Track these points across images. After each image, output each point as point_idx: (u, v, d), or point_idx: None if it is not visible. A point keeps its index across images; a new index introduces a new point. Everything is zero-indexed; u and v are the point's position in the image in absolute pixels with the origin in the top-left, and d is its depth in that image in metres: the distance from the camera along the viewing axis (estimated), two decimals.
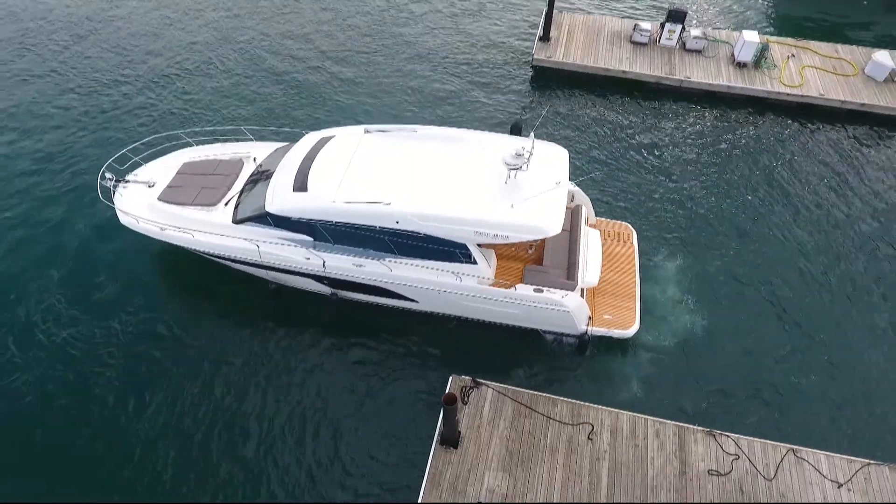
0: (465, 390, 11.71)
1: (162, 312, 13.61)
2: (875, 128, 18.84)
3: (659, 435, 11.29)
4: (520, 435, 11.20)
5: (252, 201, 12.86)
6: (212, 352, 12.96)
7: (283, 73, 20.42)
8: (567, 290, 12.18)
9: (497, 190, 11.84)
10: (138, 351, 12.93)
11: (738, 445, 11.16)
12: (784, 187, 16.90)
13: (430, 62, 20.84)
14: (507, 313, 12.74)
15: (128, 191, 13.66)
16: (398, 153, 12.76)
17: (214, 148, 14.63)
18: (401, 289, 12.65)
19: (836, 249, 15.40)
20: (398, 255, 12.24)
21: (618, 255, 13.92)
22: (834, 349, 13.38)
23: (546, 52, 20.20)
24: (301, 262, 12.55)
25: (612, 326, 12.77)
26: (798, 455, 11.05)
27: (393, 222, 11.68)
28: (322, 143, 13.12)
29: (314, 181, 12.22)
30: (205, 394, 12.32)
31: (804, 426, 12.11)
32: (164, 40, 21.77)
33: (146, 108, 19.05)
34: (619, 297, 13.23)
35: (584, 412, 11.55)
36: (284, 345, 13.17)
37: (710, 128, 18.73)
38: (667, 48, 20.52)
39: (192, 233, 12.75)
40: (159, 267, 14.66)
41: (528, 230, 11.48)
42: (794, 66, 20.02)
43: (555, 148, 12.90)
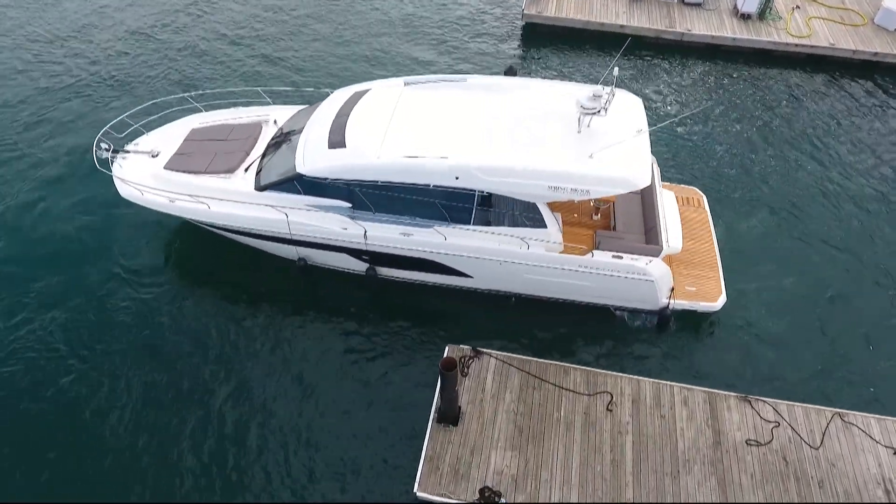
0: (465, 360, 10.22)
1: (167, 297, 11.70)
2: (890, 77, 17.70)
3: (687, 403, 9.90)
4: (529, 408, 9.74)
5: (278, 164, 11.02)
6: (226, 340, 11.14)
7: (314, 24, 18.59)
8: (650, 257, 10.55)
9: (570, 140, 10.17)
10: (139, 339, 11.11)
11: (777, 411, 9.81)
12: (811, 141, 15.65)
13: (413, 24, 19.32)
14: (577, 287, 11.06)
15: (128, 161, 11.72)
16: (448, 104, 11.02)
17: (227, 113, 12.70)
18: (454, 261, 10.92)
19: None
20: (451, 221, 10.51)
21: (691, 221, 12.18)
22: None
23: (537, 8, 18.77)
24: (337, 234, 10.76)
25: (697, 299, 11.08)
26: (845, 419, 9.73)
27: (451, 179, 9.96)
28: (357, 97, 11.36)
29: (353, 136, 10.46)
30: (218, 385, 10.54)
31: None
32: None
33: (148, 68, 17.09)
34: (700, 267, 11.55)
35: (602, 380, 10.12)
36: (311, 331, 11.34)
37: (718, 81, 17.43)
38: (665, 2, 19.19)
39: (207, 203, 10.87)
40: (161, 246, 12.63)
41: (613, 182, 9.84)
42: (801, 17, 18.81)
43: (628, 94, 11.21)
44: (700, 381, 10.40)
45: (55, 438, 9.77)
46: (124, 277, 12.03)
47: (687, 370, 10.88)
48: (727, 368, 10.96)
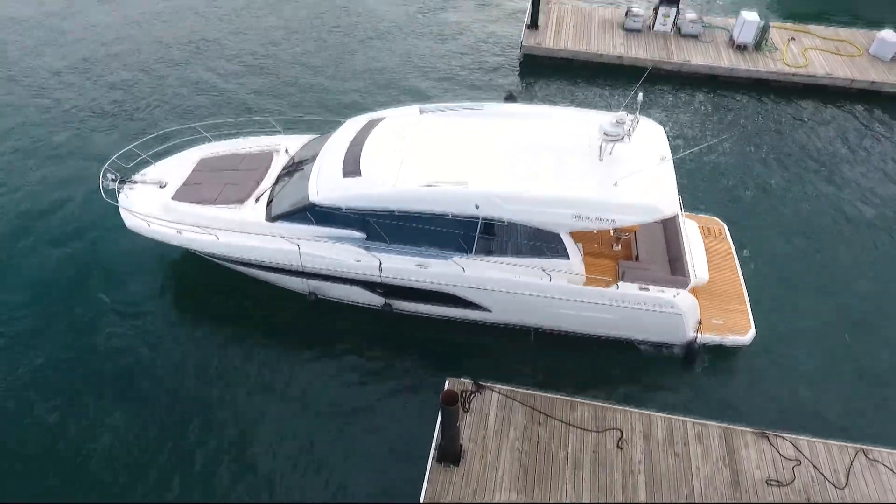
0: (466, 395, 9.70)
1: (171, 334, 11.20)
2: (884, 105, 17.70)
3: (702, 439, 9.35)
4: (535, 446, 9.17)
5: (290, 194, 10.67)
6: (233, 379, 10.60)
7: (312, 58, 18.73)
8: (678, 289, 10.11)
9: (592, 167, 9.82)
10: (146, 379, 10.57)
11: (797, 448, 9.25)
12: (825, 166, 15.57)
13: (413, 56, 19.42)
14: (600, 320, 10.57)
15: (134, 192, 11.39)
16: (465, 132, 10.70)
17: (237, 142, 12.45)
18: (473, 294, 10.44)
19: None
20: (469, 252, 10.07)
21: (713, 252, 11.76)
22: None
23: (535, 39, 18.93)
24: (351, 265, 10.34)
25: (725, 332, 10.58)
26: (870, 456, 9.17)
27: (471, 207, 9.57)
28: (371, 125, 11.10)
29: (368, 164, 10.12)
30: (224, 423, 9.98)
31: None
32: (172, 25, 20.11)
33: (156, 98, 17.02)
34: (725, 299, 11.09)
35: (611, 416, 9.59)
36: (319, 368, 10.79)
37: (718, 110, 17.40)
38: (661, 34, 19.39)
39: (216, 234, 10.49)
40: (166, 279, 12.17)
41: (641, 211, 9.43)
42: (796, 48, 18.97)
43: (649, 122, 10.89)
44: (725, 417, 9.74)
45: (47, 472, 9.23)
46: (123, 310, 11.58)
47: (712, 406, 10.26)
48: (753, 403, 10.40)
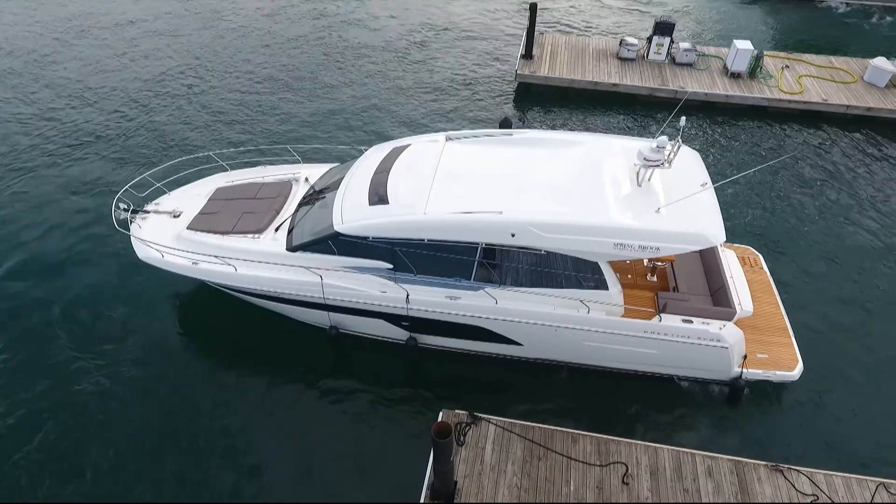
0: (461, 427, 9.18)
1: (181, 373, 10.70)
2: (888, 131, 17.63)
3: (712, 474, 8.79)
4: (534, 483, 8.61)
5: (312, 223, 10.22)
6: (248, 414, 10.11)
7: (334, 86, 18.76)
8: (724, 321, 9.62)
9: (631, 194, 9.39)
10: (156, 415, 10.08)
11: (814, 482, 8.69)
12: (839, 189, 15.41)
13: (409, 85, 19.49)
14: (640, 354, 10.02)
15: (147, 222, 11.04)
16: (496, 159, 10.26)
17: (255, 171, 12.11)
18: (505, 328, 9.93)
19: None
20: (503, 283, 9.62)
21: (751, 282, 11.09)
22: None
23: (530, 69, 19.00)
24: (376, 297, 9.86)
25: (772, 367, 10.05)
26: (891, 490, 8.61)
27: (506, 236, 9.10)
28: (396, 152, 10.70)
29: (396, 192, 9.68)
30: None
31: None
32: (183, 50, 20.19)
33: (170, 125, 16.88)
34: (768, 332, 10.57)
35: (615, 449, 9.05)
36: (318, 401, 10.30)
37: (717, 136, 17.30)
38: (656, 63, 19.48)
39: (234, 265, 10.05)
40: (179, 312, 11.74)
41: (687, 239, 8.90)
42: (791, 76, 19.03)
43: (685, 148, 10.32)
44: (767, 456, 9.20)
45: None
46: (131, 343, 11.16)
47: (752, 443, 9.75)
48: (795, 441, 9.88)
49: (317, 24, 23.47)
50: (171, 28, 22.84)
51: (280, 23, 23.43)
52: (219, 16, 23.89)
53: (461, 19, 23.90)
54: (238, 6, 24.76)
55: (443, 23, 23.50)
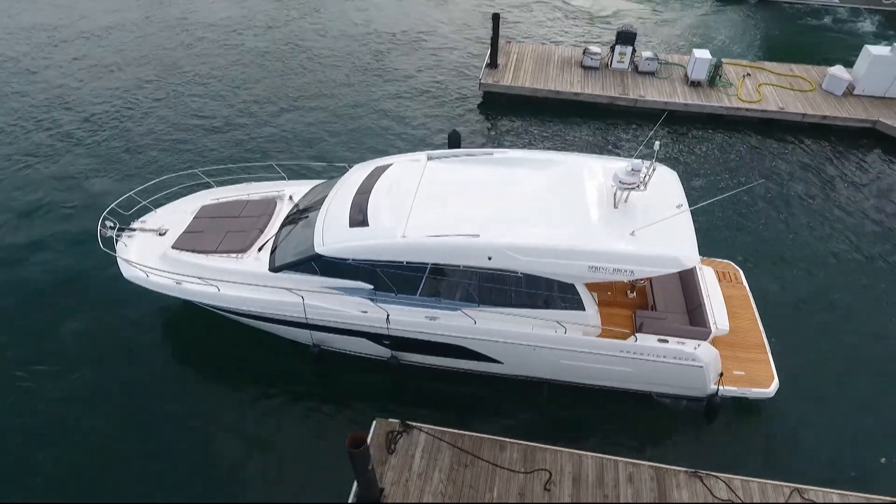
0: (392, 436, 9.46)
1: (170, 390, 10.87)
2: (843, 139, 17.95)
3: (633, 480, 9.07)
4: (458, 490, 8.88)
5: (294, 244, 10.36)
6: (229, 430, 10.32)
7: (318, 101, 18.96)
8: (699, 340, 9.78)
9: (608, 216, 9.50)
10: (137, 430, 10.28)
11: (731, 488, 8.97)
12: (775, 199, 15.61)
13: (373, 93, 19.77)
14: (616, 373, 10.20)
15: (133, 240, 11.14)
16: (474, 179, 10.41)
17: (240, 188, 12.23)
18: (484, 347, 10.16)
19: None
20: (482, 303, 9.81)
21: (730, 298, 11.21)
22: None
23: (494, 78, 19.28)
24: (357, 318, 10.03)
25: (747, 385, 10.17)
26: (805, 496, 8.89)
27: (483, 259, 9.25)
28: (378, 172, 10.80)
29: (375, 214, 9.84)
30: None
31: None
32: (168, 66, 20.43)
33: (157, 143, 16.99)
34: (745, 349, 10.68)
35: (540, 456, 9.32)
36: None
37: (679, 145, 17.59)
38: (619, 71, 19.77)
39: (217, 285, 10.19)
40: (164, 331, 11.88)
41: (660, 262, 9.03)
42: (751, 84, 19.32)
43: (664, 169, 10.44)
44: (750, 471, 9.27)
45: None
46: (121, 355, 11.37)
47: (727, 458, 9.90)
48: (771, 457, 10.08)
49: (280, 37, 23.75)
50: (149, 41, 23.10)
51: (251, 36, 23.72)
52: (195, 30, 24.16)
53: (430, 30, 24.20)
54: (208, 21, 25.04)
55: (411, 33, 23.78)
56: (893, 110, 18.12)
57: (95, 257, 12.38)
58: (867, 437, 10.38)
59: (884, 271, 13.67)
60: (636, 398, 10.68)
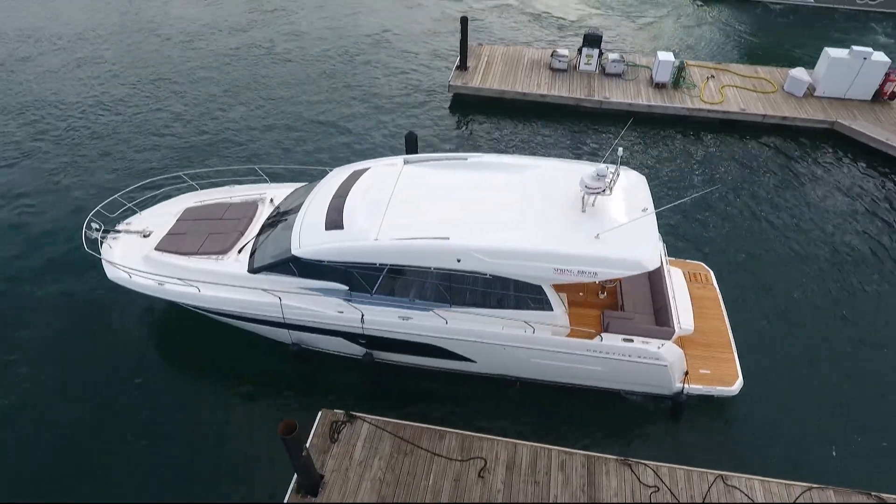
0: (336, 426, 9.84)
1: (151, 387, 11.15)
2: (802, 139, 18.37)
3: (564, 468, 9.46)
4: (396, 477, 9.27)
5: (272, 246, 10.65)
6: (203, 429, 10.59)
7: (300, 106, 19.29)
8: (663, 339, 10.15)
9: (575, 220, 9.81)
10: (116, 427, 10.56)
11: (658, 475, 9.37)
12: (753, 194, 16.02)
13: (343, 95, 20.17)
14: (585, 371, 10.55)
15: (118, 242, 11.41)
16: (448, 183, 10.71)
17: (223, 191, 12.52)
18: (456, 346, 10.47)
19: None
20: (453, 304, 10.13)
21: (700, 299, 11.68)
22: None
23: (462, 80, 19.68)
24: (333, 318, 10.34)
25: (712, 383, 10.52)
26: (728, 482, 9.29)
27: (452, 261, 9.55)
28: (355, 175, 11.10)
29: (351, 217, 10.14)
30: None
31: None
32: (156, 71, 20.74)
33: (144, 147, 17.29)
34: (712, 348, 11.04)
35: (477, 445, 9.72)
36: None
37: (638, 145, 18.01)
38: (586, 73, 20.18)
39: (197, 286, 10.51)
40: (149, 330, 12.15)
41: (622, 265, 9.32)
42: (714, 86, 19.74)
43: (632, 172, 10.86)
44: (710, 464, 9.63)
45: None
46: (103, 352, 11.68)
47: (691, 453, 10.24)
48: (730, 451, 10.42)
49: (250, 42, 24.13)
50: (127, 44, 23.47)
51: (224, 39, 24.10)
52: (172, 33, 24.53)
53: (405, 32, 24.61)
54: (183, 24, 25.42)
55: (386, 35, 24.19)
56: (851, 111, 18.57)
57: (84, 261, 12.68)
58: (823, 432, 10.73)
59: (844, 268, 14.06)
60: (606, 396, 11.01)
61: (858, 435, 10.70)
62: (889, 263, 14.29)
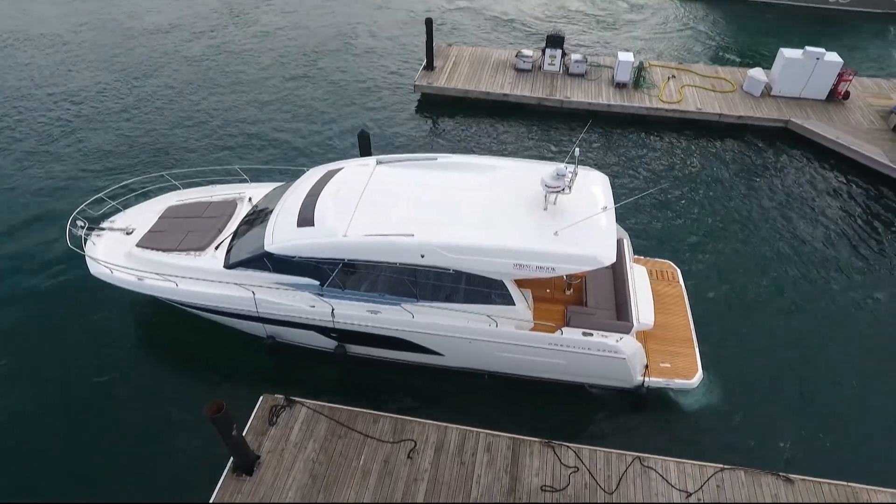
0: (275, 409, 10.32)
1: (129, 375, 11.57)
2: (758, 138, 18.85)
3: (490, 449, 9.94)
4: (329, 457, 9.74)
5: (248, 243, 11.09)
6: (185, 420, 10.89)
7: (279, 105, 19.68)
8: (621, 334, 10.52)
9: (536, 218, 10.19)
10: (93, 415, 10.97)
11: (579, 457, 9.85)
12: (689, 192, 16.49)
13: (310, 94, 20.65)
14: (548, 364, 10.91)
15: (102, 239, 11.86)
16: (417, 183, 11.15)
17: (204, 190, 12.99)
18: (424, 339, 10.85)
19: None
20: (420, 299, 10.53)
21: (665, 296, 12.17)
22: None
23: (427, 79, 20.15)
24: (305, 311, 10.72)
25: (672, 376, 10.86)
26: (644, 464, 9.76)
27: (417, 257, 9.94)
28: (329, 175, 11.52)
29: (321, 214, 10.54)
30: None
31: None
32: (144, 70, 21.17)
33: (125, 146, 17.71)
34: (674, 343, 11.41)
35: (409, 428, 10.19)
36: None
37: (599, 143, 18.48)
38: (550, 73, 20.65)
39: (175, 281, 10.94)
40: (132, 323, 12.58)
41: (577, 260, 9.67)
42: (674, 86, 20.21)
43: (594, 172, 11.25)
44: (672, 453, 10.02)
45: None
46: (84, 344, 12.14)
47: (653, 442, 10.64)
48: (684, 439, 10.81)
49: (217, 43, 24.57)
50: (109, 44, 23.93)
51: (207, 40, 24.54)
52: (148, 34, 24.98)
53: (373, 32, 25.09)
54: (158, 24, 25.88)
55: (354, 36, 24.67)
56: (805, 110, 19.05)
57: (67, 255, 13.16)
58: (779, 424, 11.11)
59: (799, 263, 14.55)
60: (570, 388, 11.43)
61: (811, 425, 11.11)
62: (841, 257, 14.78)
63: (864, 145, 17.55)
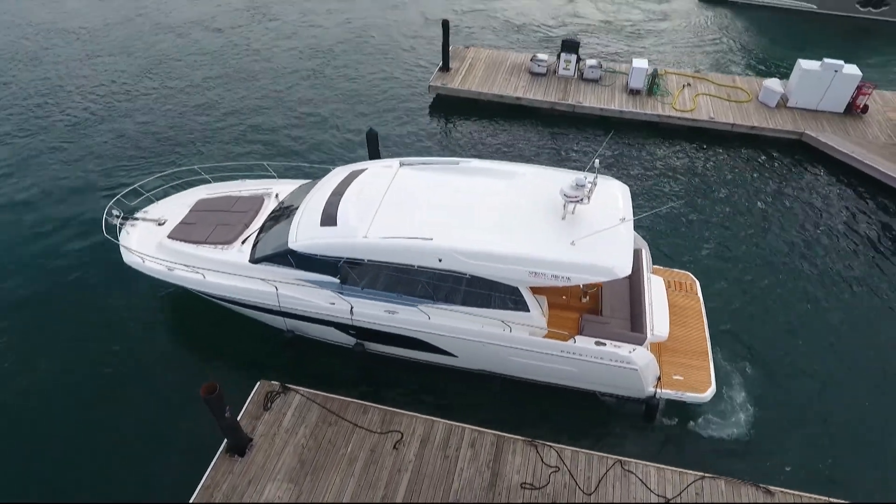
0: (271, 395, 10.74)
1: (153, 363, 12.08)
2: (772, 150, 18.68)
3: (474, 445, 10.20)
4: (318, 443, 10.12)
5: (273, 239, 11.42)
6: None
7: (309, 104, 20.26)
8: (634, 345, 10.52)
9: (554, 226, 10.25)
10: (121, 396, 11.50)
11: (561, 456, 10.04)
12: (699, 201, 16.50)
13: (329, 96, 21.12)
14: (561, 371, 10.99)
15: (136, 228, 12.38)
16: (438, 186, 11.30)
17: (234, 185, 13.42)
18: (439, 340, 11.06)
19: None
20: (436, 301, 10.72)
21: (682, 308, 12.09)
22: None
23: (442, 81, 20.44)
24: (324, 308, 11.02)
25: (685, 389, 10.83)
26: (625, 467, 9.91)
27: (434, 261, 10.14)
28: (353, 175, 11.79)
29: (344, 215, 10.80)
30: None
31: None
32: (177, 69, 21.97)
33: (161, 140, 18.41)
34: (689, 355, 11.32)
35: (397, 420, 10.51)
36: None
37: (607, 147, 18.56)
38: (564, 78, 20.75)
39: (203, 273, 11.35)
40: (163, 310, 13.11)
41: (593, 271, 9.75)
42: (689, 94, 20.13)
43: (615, 182, 11.27)
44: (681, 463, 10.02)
45: None
46: (110, 328, 12.72)
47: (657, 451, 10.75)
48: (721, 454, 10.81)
49: (236, 42, 25.21)
50: (144, 41, 24.78)
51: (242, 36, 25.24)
52: (183, 31, 25.78)
53: (393, 34, 25.45)
54: (186, 20, 26.66)
55: (377, 37, 25.09)
56: (821, 123, 18.81)
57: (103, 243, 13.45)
58: (783, 437, 11.09)
59: (812, 278, 14.43)
60: (581, 395, 11.48)
61: (823, 441, 11.06)
62: (854, 274, 14.59)
63: (879, 160, 17.28)
